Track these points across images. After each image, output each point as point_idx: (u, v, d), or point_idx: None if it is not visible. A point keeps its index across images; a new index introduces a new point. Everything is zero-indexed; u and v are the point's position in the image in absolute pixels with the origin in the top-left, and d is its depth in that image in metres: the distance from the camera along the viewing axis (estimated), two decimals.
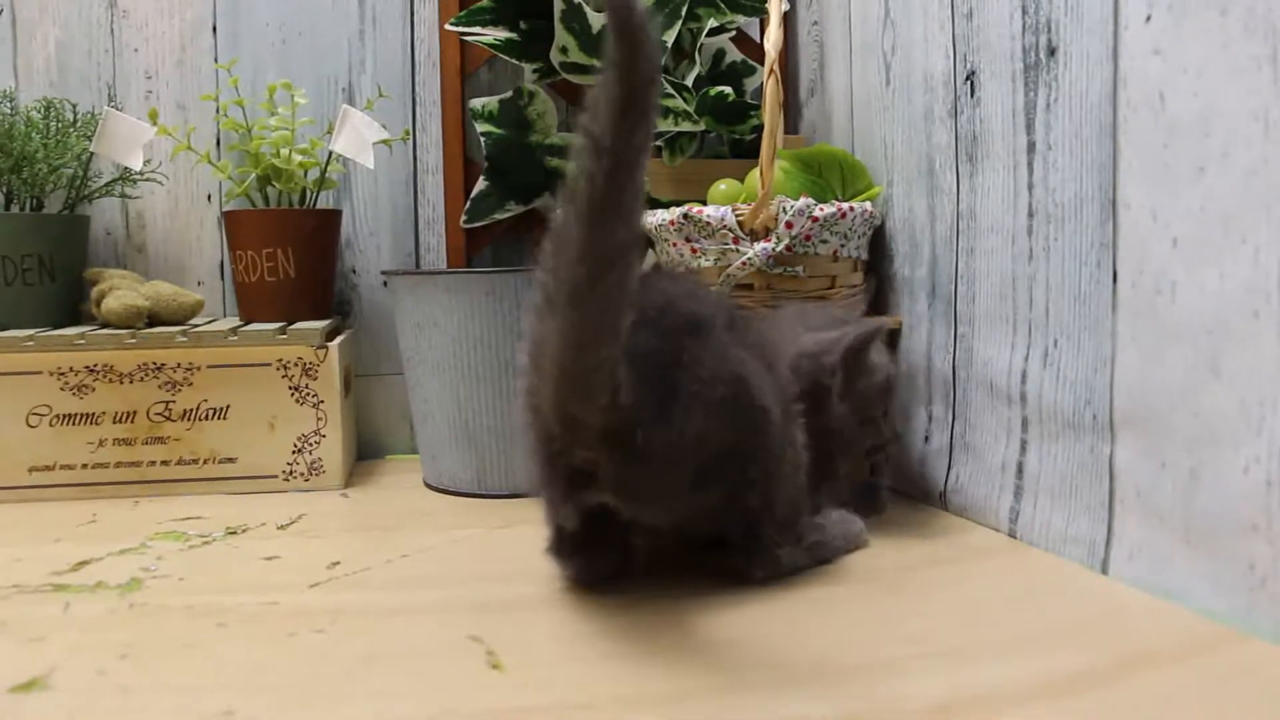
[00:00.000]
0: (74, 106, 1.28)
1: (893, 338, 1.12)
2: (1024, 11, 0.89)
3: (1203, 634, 0.70)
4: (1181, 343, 0.73)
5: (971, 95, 0.98)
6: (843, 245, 1.06)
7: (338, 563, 0.92)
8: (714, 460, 0.76)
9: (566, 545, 0.83)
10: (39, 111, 1.25)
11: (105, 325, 1.21)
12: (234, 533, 1.03)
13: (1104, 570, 0.82)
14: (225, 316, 1.38)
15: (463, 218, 1.35)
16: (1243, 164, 0.67)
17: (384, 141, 1.30)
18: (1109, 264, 0.80)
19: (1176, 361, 0.74)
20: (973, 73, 0.97)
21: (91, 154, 1.26)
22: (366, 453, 1.41)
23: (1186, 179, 0.72)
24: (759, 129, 1.27)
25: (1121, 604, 0.76)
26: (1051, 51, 0.86)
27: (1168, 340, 0.74)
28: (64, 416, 1.17)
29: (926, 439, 1.08)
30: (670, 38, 1.20)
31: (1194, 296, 0.72)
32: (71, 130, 1.26)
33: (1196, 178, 0.71)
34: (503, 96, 1.32)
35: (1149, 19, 0.75)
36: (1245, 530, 0.68)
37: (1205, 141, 0.70)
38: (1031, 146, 0.89)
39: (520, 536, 0.99)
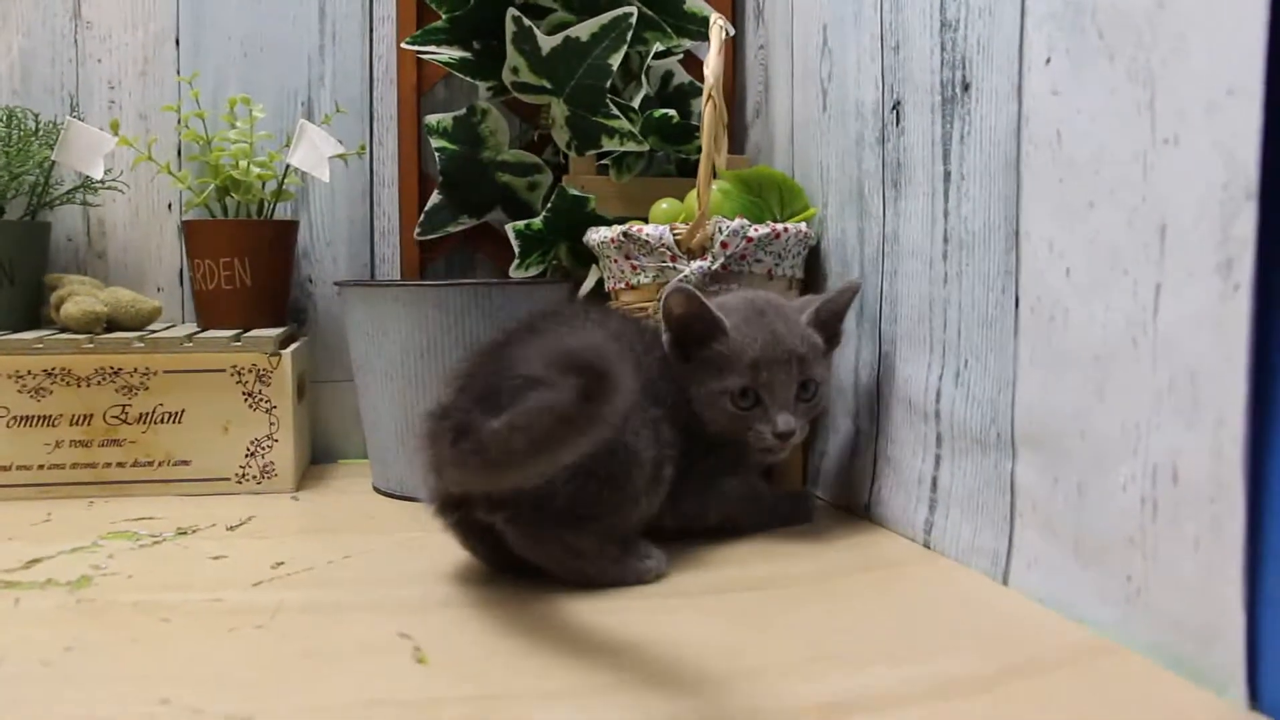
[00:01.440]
0: (36, 116, 1.32)
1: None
2: (943, 48, 0.94)
3: (1083, 644, 0.74)
4: (1073, 367, 0.78)
5: (897, 124, 1.03)
6: (777, 264, 1.11)
7: (282, 563, 0.96)
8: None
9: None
10: (1, 120, 1.28)
11: (64, 330, 1.25)
12: (184, 533, 1.07)
13: (1005, 581, 0.87)
14: (184, 323, 1.42)
15: (417, 230, 1.39)
16: (1126, 202, 0.72)
17: (340, 156, 1.34)
18: (1012, 290, 0.85)
19: (1068, 385, 0.79)
20: (898, 103, 1.02)
21: (53, 162, 1.29)
22: (320, 457, 1.44)
23: (1079, 213, 0.77)
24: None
25: (1016, 614, 0.81)
26: (965, 87, 0.91)
27: (1061, 364, 0.79)
28: (21, 418, 1.20)
29: (854, 452, 1.13)
30: (616, 61, 1.24)
31: (1084, 324, 0.77)
32: (33, 139, 1.29)
33: (1088, 212, 0.76)
34: (457, 113, 1.36)
35: (1049, 61, 0.80)
36: (1124, 544, 0.73)
37: (1095, 179, 0.75)
38: (948, 175, 0.94)
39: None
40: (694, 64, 1.45)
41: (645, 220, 1.21)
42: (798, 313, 1.00)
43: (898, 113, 1.03)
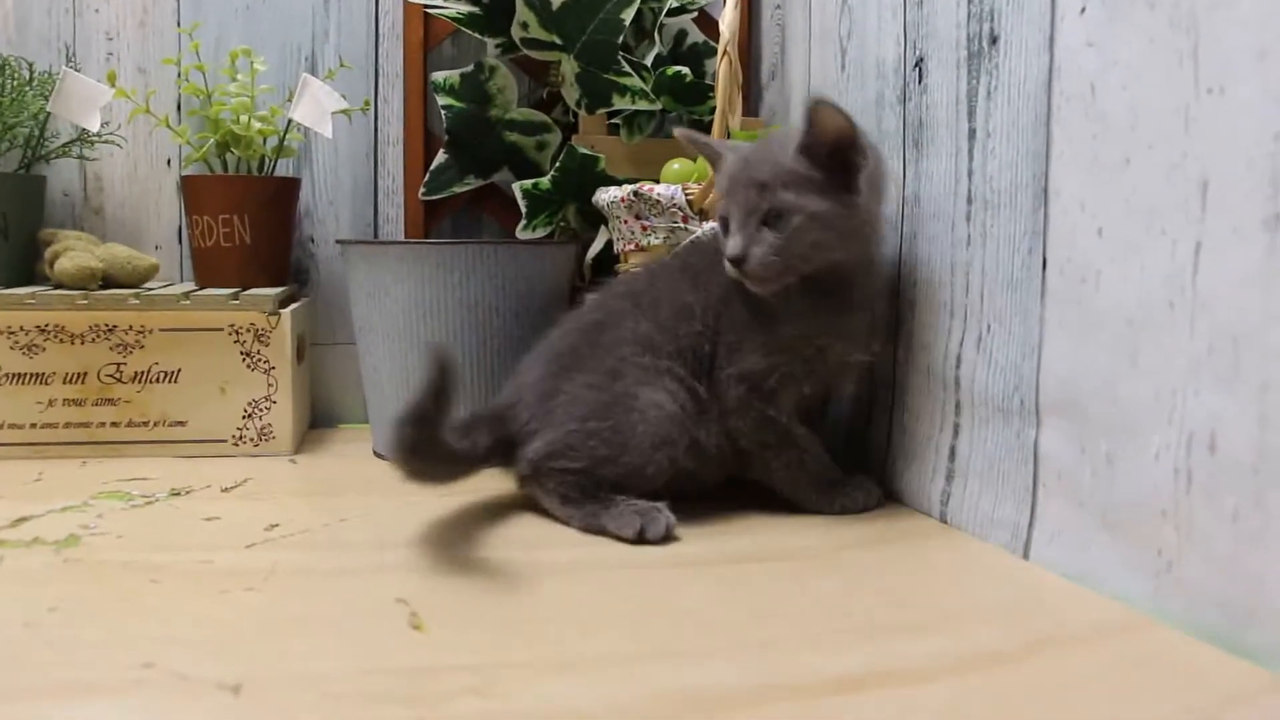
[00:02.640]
0: (30, 65, 1.28)
1: None
2: (969, 1, 0.90)
3: (1113, 618, 0.71)
4: (1104, 331, 0.75)
5: (919, 82, 0.99)
6: None
7: (276, 525, 0.93)
8: None
9: None
10: None
11: (58, 286, 1.22)
12: (178, 494, 1.04)
13: (1025, 554, 0.84)
14: (181, 281, 1.38)
15: (422, 189, 1.36)
16: (1165, 158, 0.69)
17: (344, 111, 1.30)
18: (1039, 251, 0.82)
19: (1099, 350, 0.75)
20: (921, 60, 0.99)
21: (49, 114, 1.26)
22: (320, 421, 1.41)
23: (1114, 171, 0.74)
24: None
25: (1039, 587, 0.78)
26: (993, 40, 0.87)
27: (1092, 329, 0.76)
28: (13, 376, 1.17)
29: (869, 422, 1.09)
30: (629, 16, 1.20)
31: (1117, 286, 0.73)
32: (28, 89, 1.25)
33: (1123, 170, 0.73)
34: (464, 70, 1.33)
35: (1084, 10, 0.76)
36: (1155, 516, 0.70)
37: (1131, 134, 0.72)
38: (972, 134, 0.90)
39: (459, 505, 1.00)
40: (707, 23, 1.41)
41: (656, 181, 1.17)
42: (789, 142, 0.92)
43: (920, 70, 0.99)
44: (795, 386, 0.95)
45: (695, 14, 1.35)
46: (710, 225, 1.04)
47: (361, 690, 0.59)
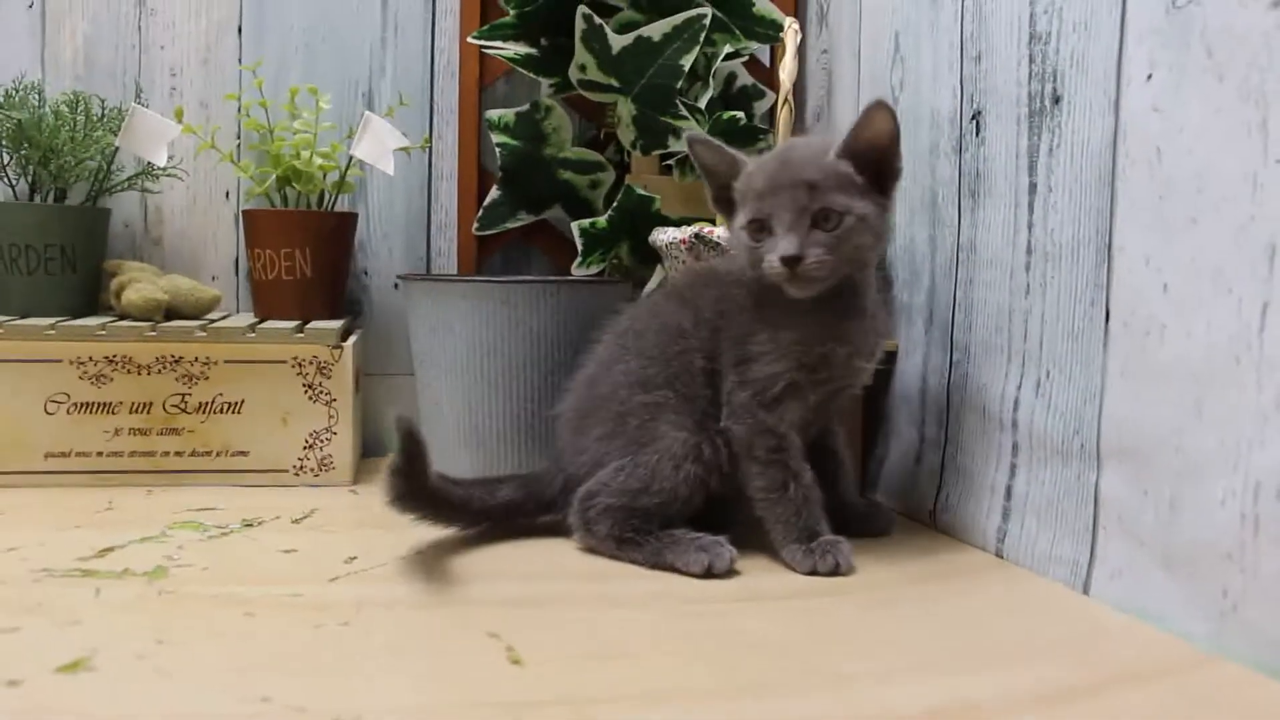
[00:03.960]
0: (102, 101, 1.32)
1: (889, 359, 1.16)
2: (1030, 60, 0.94)
3: (1179, 655, 0.75)
4: (1168, 383, 0.78)
5: (977, 134, 1.02)
6: None
7: (354, 557, 0.96)
8: None
9: None
10: (67, 105, 1.28)
11: (124, 316, 1.25)
12: (250, 524, 1.07)
13: (1085, 590, 0.87)
14: (239, 312, 1.42)
15: (475, 225, 1.39)
16: (1232, 220, 0.72)
17: (404, 149, 1.34)
18: (1102, 303, 0.85)
19: (1162, 399, 0.79)
20: (979, 113, 1.02)
21: (116, 148, 1.29)
22: (371, 449, 1.44)
23: (1179, 230, 0.77)
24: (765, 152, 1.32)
25: (1102, 623, 0.81)
26: (1056, 100, 0.91)
27: (1155, 379, 0.79)
28: (81, 405, 1.20)
29: (918, 460, 1.12)
30: (688, 62, 1.24)
31: (1181, 340, 0.77)
32: (98, 124, 1.29)
33: (1189, 229, 0.76)
34: (519, 109, 1.36)
35: (1150, 77, 0.80)
36: (1220, 558, 0.73)
37: (1198, 197, 0.75)
38: (1033, 188, 0.94)
39: (522, 540, 1.03)
40: (755, 67, 1.44)
41: (709, 221, 1.21)
42: (827, 146, 0.94)
43: (978, 123, 1.03)
44: (800, 396, 0.96)
45: (746, 59, 1.38)
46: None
47: None
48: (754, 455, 0.96)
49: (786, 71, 1.09)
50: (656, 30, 1.24)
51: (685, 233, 1.12)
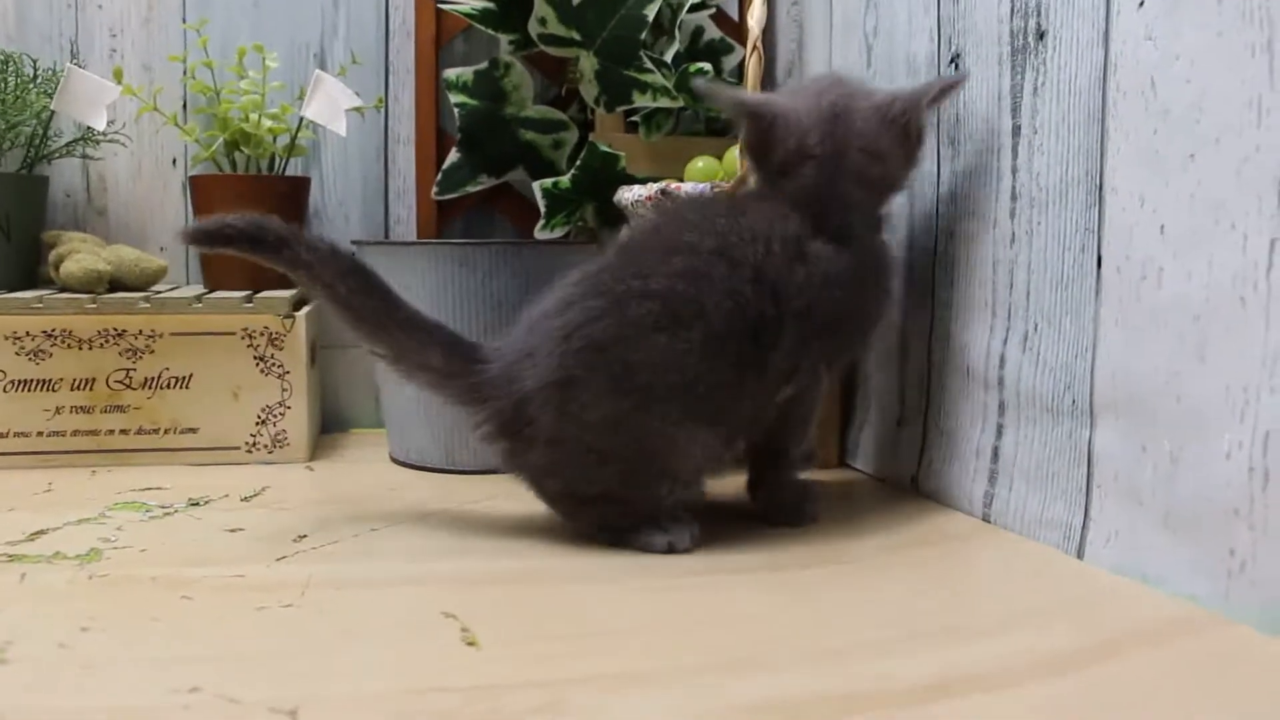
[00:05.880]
0: (34, 62, 1.24)
1: None
2: None
3: (1184, 617, 0.70)
4: (1167, 328, 0.73)
5: None
6: None
7: (304, 536, 0.90)
8: None
9: None
10: None
11: (64, 289, 1.18)
12: (196, 504, 1.01)
13: (1080, 555, 0.82)
14: (189, 284, 1.35)
15: (434, 189, 1.33)
16: (1235, 151, 0.67)
17: (357, 109, 1.27)
18: (1093, 249, 0.80)
19: (1161, 347, 0.74)
20: (957, 55, 0.97)
21: (52, 112, 1.23)
22: (330, 425, 1.38)
23: (1176, 165, 0.72)
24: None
25: (1101, 587, 0.77)
26: (1040, 35, 0.85)
27: (1152, 326, 0.74)
28: (19, 382, 1.14)
29: (899, 423, 1.07)
30: (651, 12, 1.18)
31: (1181, 283, 0.72)
32: (31, 86, 1.22)
33: (1186, 165, 0.71)
34: (478, 67, 1.30)
35: (1142, 4, 0.75)
36: (1226, 515, 0.68)
37: (1196, 129, 0.70)
38: (1016, 130, 0.89)
39: (487, 512, 0.98)
40: (723, 21, 1.39)
41: (679, 179, 1.15)
42: (864, 97, 0.90)
43: (956, 65, 0.97)
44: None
45: (713, 10, 1.33)
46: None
47: (425, 711, 0.57)
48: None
49: (755, 18, 1.03)
50: None
51: (651, 189, 1.07)
